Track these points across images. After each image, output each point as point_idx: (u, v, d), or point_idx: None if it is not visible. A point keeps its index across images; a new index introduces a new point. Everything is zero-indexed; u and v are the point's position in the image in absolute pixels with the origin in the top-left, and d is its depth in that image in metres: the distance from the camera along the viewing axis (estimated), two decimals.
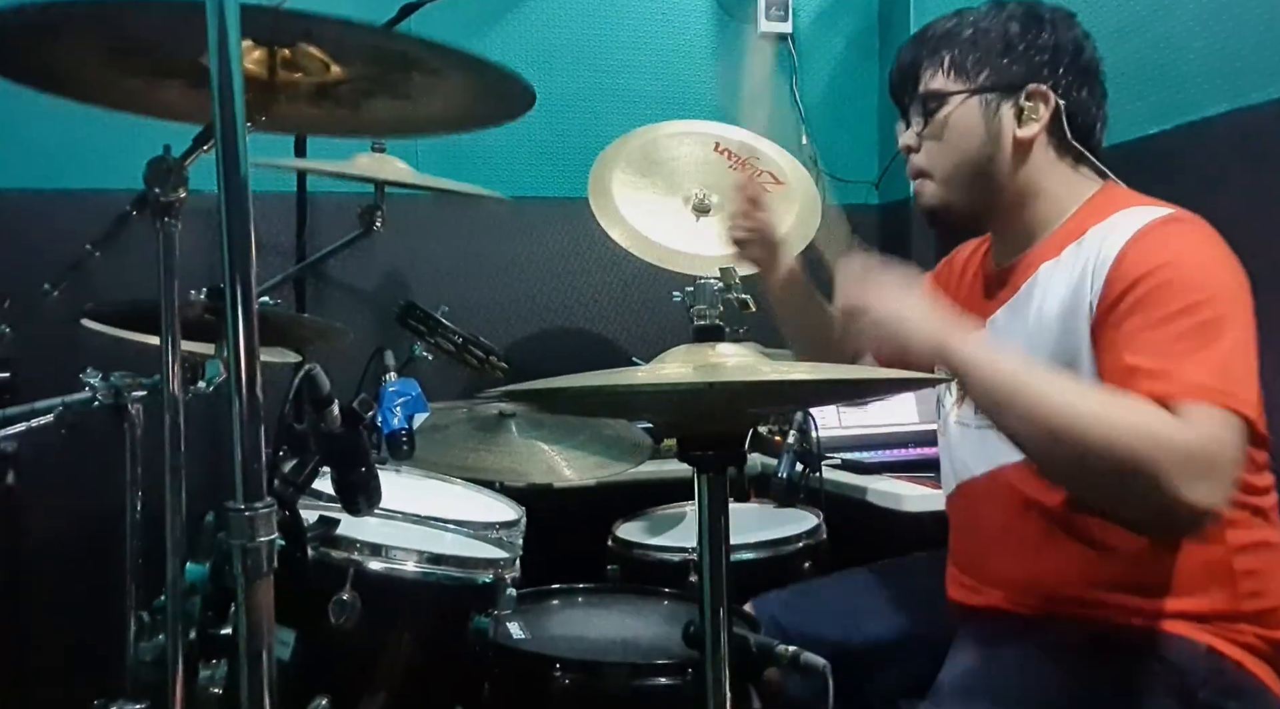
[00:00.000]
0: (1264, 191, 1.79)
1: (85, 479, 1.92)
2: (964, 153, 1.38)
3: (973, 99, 1.37)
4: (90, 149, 2.29)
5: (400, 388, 1.52)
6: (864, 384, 1.13)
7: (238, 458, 0.79)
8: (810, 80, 2.85)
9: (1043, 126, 1.36)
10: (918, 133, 1.42)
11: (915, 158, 1.43)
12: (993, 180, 1.38)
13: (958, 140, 1.38)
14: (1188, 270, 1.19)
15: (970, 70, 1.37)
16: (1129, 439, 1.07)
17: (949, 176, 1.40)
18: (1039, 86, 1.35)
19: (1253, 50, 1.84)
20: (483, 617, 1.43)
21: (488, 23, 2.61)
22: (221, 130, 0.78)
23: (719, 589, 0.96)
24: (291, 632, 1.33)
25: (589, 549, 1.93)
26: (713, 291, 1.05)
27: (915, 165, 1.43)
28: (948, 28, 1.41)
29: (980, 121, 1.37)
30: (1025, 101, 1.35)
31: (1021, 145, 1.36)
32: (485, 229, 2.60)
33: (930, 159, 1.41)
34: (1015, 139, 1.36)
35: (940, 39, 1.40)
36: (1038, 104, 1.35)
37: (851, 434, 2.29)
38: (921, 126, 1.41)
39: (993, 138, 1.36)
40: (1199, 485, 1.06)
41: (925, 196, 1.44)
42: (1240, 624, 1.24)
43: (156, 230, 1.14)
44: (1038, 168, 1.37)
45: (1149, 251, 1.21)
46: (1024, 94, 1.35)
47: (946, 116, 1.38)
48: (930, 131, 1.40)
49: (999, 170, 1.37)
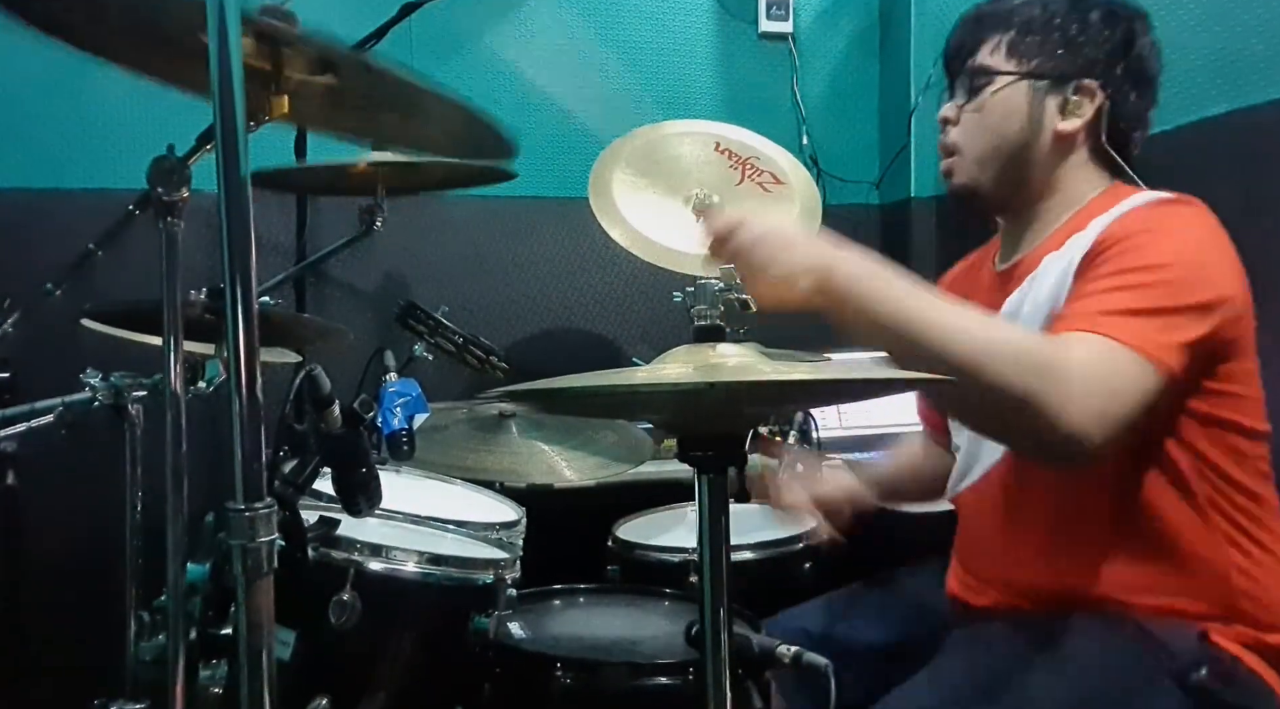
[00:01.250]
0: (1264, 191, 1.79)
1: (85, 479, 1.92)
2: (1002, 135, 1.36)
3: (1022, 82, 1.34)
4: (91, 148, 2.29)
5: (400, 388, 1.52)
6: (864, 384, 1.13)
7: (238, 458, 0.79)
8: (810, 80, 2.85)
9: (1085, 123, 1.34)
10: (959, 105, 1.39)
11: (952, 132, 1.40)
12: (1024, 168, 1.36)
13: (998, 121, 1.36)
14: (1160, 240, 1.18)
15: (1025, 53, 1.34)
16: (1006, 360, 1.07)
17: (982, 157, 1.38)
18: (1089, 82, 1.33)
19: (1253, 50, 1.84)
20: (483, 617, 1.43)
21: (488, 23, 2.61)
22: (221, 130, 0.78)
23: (719, 589, 0.96)
24: (292, 632, 1.33)
25: (589, 549, 1.93)
26: (713, 292, 1.05)
27: (950, 140, 1.40)
28: (1016, 4, 1.37)
29: (1025, 106, 1.34)
30: (1073, 95, 1.34)
31: (1061, 138, 1.35)
32: (486, 229, 2.60)
33: (966, 136, 1.39)
34: (1056, 131, 1.35)
35: (1005, 15, 1.37)
36: (1083, 99, 1.34)
37: (852, 434, 2.29)
38: (965, 100, 1.38)
39: (1033, 125, 1.34)
40: (1078, 412, 1.06)
41: (955, 175, 1.41)
42: (1237, 625, 1.24)
43: (159, 230, 1.14)
44: (1069, 164, 1.36)
45: (1131, 222, 1.21)
46: (1073, 87, 1.34)
47: (991, 94, 1.35)
48: (973, 107, 1.37)
49: (1032, 159, 1.36)
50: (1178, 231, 1.22)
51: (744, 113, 2.76)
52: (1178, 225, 1.23)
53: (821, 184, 2.76)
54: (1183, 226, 1.23)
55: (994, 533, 1.39)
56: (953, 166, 1.41)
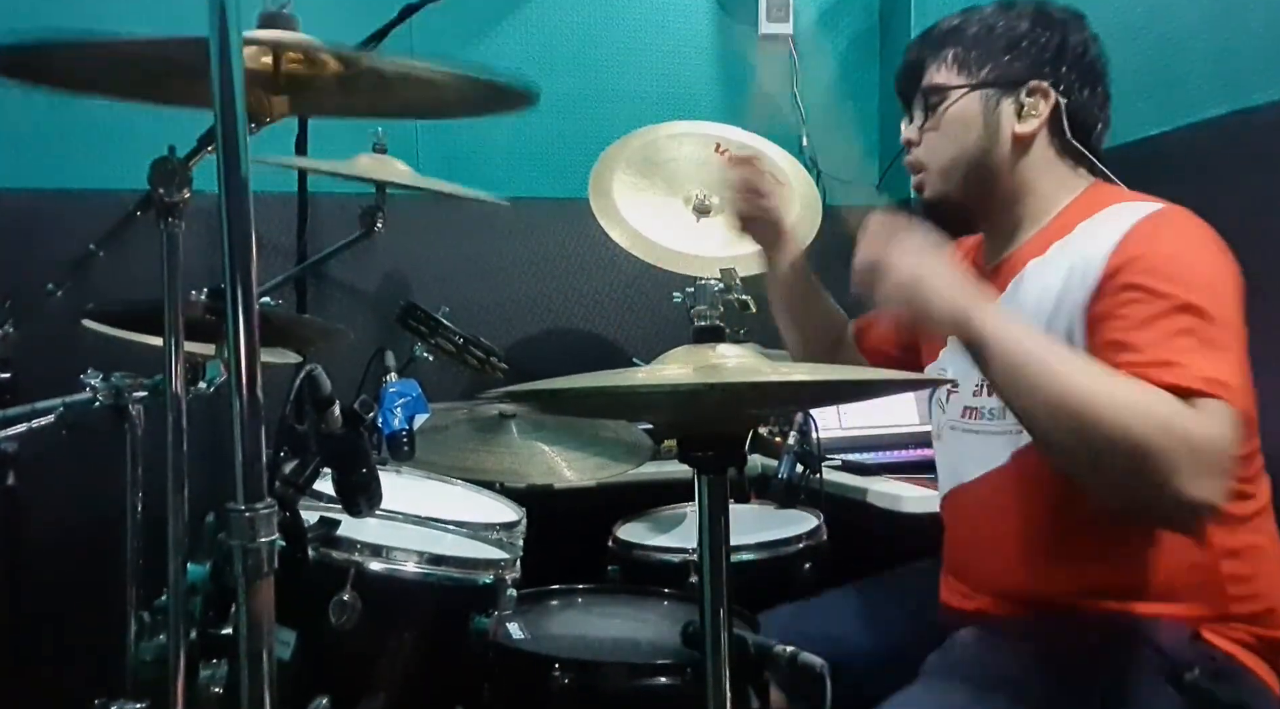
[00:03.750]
0: (1264, 192, 1.79)
1: (86, 480, 1.92)
2: (962, 146, 1.39)
3: (974, 94, 1.38)
4: (93, 149, 2.29)
5: (401, 389, 1.52)
6: (864, 385, 1.13)
7: (238, 458, 0.79)
8: (810, 81, 2.85)
9: (1042, 123, 1.36)
10: (919, 127, 1.43)
11: (915, 151, 1.44)
12: (989, 174, 1.39)
13: (957, 133, 1.39)
14: (1182, 264, 1.19)
15: (973, 65, 1.38)
16: (1145, 425, 1.05)
17: (945, 169, 1.41)
18: (1040, 83, 1.36)
19: (1254, 51, 1.85)
20: (483, 617, 1.43)
21: (488, 23, 2.61)
22: (222, 130, 0.78)
23: (719, 590, 0.96)
24: (292, 632, 1.33)
25: (589, 550, 1.93)
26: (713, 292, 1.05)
27: (914, 158, 1.44)
28: (954, 24, 1.42)
29: (979, 115, 1.38)
30: (1026, 97, 1.36)
31: (1020, 140, 1.37)
32: (486, 230, 2.60)
33: (929, 152, 1.42)
34: (1014, 134, 1.37)
35: (946, 35, 1.41)
36: (1038, 100, 1.36)
37: (852, 435, 2.29)
38: (923, 120, 1.42)
39: (991, 132, 1.37)
40: (1205, 481, 1.05)
41: (924, 190, 1.45)
42: (1233, 623, 1.25)
43: (160, 231, 1.14)
44: (1035, 164, 1.38)
45: (1142, 246, 1.21)
46: (1025, 90, 1.36)
47: (946, 109, 1.39)
48: (930, 124, 1.41)
49: (996, 164, 1.38)
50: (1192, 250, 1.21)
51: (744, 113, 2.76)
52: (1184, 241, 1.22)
53: (821, 185, 2.76)
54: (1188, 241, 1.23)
55: (984, 537, 1.40)
56: (921, 182, 1.45)
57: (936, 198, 1.43)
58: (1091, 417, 1.07)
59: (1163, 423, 1.06)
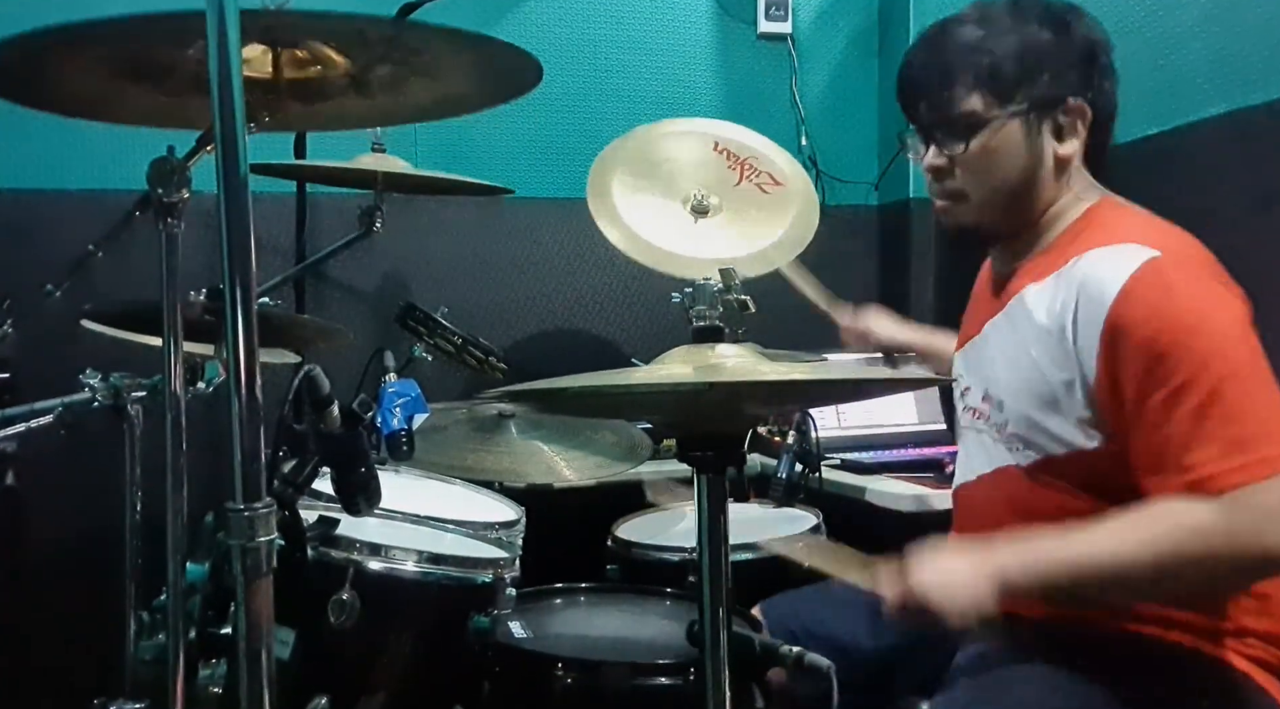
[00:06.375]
0: (1263, 192, 1.79)
1: (85, 480, 1.92)
2: (1005, 176, 1.32)
3: (1014, 121, 1.30)
4: (92, 149, 2.29)
5: (400, 388, 1.52)
6: (864, 384, 1.13)
7: (237, 458, 0.79)
8: (810, 80, 2.85)
9: (1083, 141, 1.33)
10: (950, 156, 1.34)
11: (949, 182, 1.36)
12: (1032, 199, 1.34)
13: (1000, 164, 1.32)
14: (1189, 328, 1.16)
15: (1007, 89, 1.30)
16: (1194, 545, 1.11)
17: (987, 200, 1.35)
18: (1077, 101, 1.31)
19: (1252, 51, 1.85)
20: (483, 616, 1.43)
21: (487, 22, 2.60)
22: (221, 131, 0.78)
23: (719, 589, 0.96)
24: (291, 631, 1.33)
25: (589, 549, 1.93)
26: (712, 293, 1.05)
27: (950, 188, 1.36)
28: (969, 40, 1.32)
29: (1023, 143, 1.31)
30: (1063, 117, 1.31)
31: (1062, 162, 1.33)
32: (485, 230, 2.60)
33: (970, 183, 1.34)
34: (1056, 157, 1.33)
35: (966, 52, 1.32)
36: (1074, 119, 1.32)
37: (851, 434, 2.29)
38: (961, 149, 1.32)
39: (1035, 158, 1.32)
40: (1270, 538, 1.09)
41: (957, 216, 1.38)
42: (1249, 637, 1.24)
43: (159, 231, 1.14)
44: (1068, 181, 1.35)
45: (1144, 310, 1.17)
46: (1061, 110, 1.31)
47: (987, 139, 1.31)
48: (969, 156, 1.32)
49: (1040, 189, 1.34)
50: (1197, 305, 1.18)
51: (743, 113, 2.76)
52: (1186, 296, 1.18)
53: (820, 184, 2.76)
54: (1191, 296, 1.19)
55: (998, 532, 1.37)
56: (951, 210, 1.38)
57: (968, 226, 1.37)
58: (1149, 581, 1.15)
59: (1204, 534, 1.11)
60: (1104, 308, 1.19)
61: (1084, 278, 1.23)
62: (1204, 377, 1.13)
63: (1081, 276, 1.23)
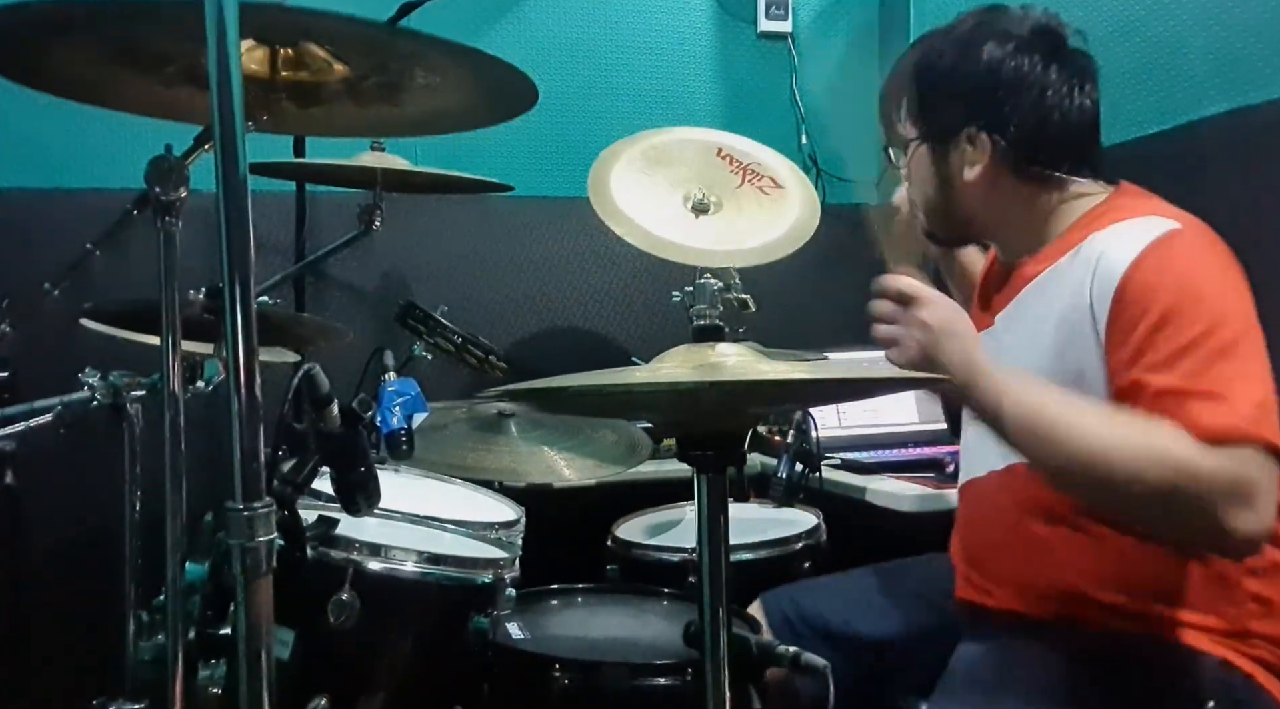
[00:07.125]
0: (1264, 191, 1.79)
1: (84, 479, 1.92)
2: (927, 193, 1.43)
3: (924, 146, 1.40)
4: (91, 148, 2.29)
5: (399, 388, 1.52)
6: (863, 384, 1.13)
7: (237, 458, 0.79)
8: (810, 79, 2.85)
9: (986, 168, 1.35)
10: (898, 169, 1.47)
11: (903, 189, 1.50)
12: (960, 215, 1.42)
13: (921, 182, 1.43)
14: (1200, 290, 1.17)
15: (918, 115, 1.40)
16: (1161, 471, 1.08)
17: (925, 211, 1.46)
18: (972, 131, 1.34)
19: (1252, 50, 1.85)
20: (482, 617, 1.43)
21: (486, 22, 2.60)
22: (220, 130, 0.78)
23: (719, 589, 0.96)
24: (291, 631, 1.33)
25: (589, 549, 1.93)
26: (712, 291, 1.05)
27: (905, 196, 1.51)
28: (912, 62, 1.41)
29: (932, 166, 1.40)
30: (966, 145, 1.35)
31: (971, 186, 1.37)
32: (485, 229, 2.60)
33: (913, 193, 1.47)
34: (964, 181, 1.37)
35: (906, 76, 1.42)
36: (975, 148, 1.35)
37: (851, 434, 2.29)
38: (901, 165, 1.46)
39: (945, 181, 1.39)
40: (1240, 514, 1.07)
41: (919, 221, 1.49)
42: (1253, 639, 1.24)
43: (157, 230, 1.14)
44: (1001, 199, 1.37)
45: (1158, 270, 1.19)
46: (963, 137, 1.35)
47: (909, 161, 1.43)
48: (905, 172, 1.45)
49: (962, 207, 1.41)
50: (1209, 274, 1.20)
51: (743, 112, 2.76)
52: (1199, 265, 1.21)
53: (820, 183, 2.76)
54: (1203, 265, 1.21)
55: (1008, 529, 1.37)
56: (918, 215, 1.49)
57: (928, 230, 1.48)
58: (1103, 471, 1.11)
59: (1182, 466, 1.07)
60: (1113, 279, 1.20)
61: (1099, 253, 1.24)
62: (1216, 334, 1.14)
63: (1097, 251, 1.24)
